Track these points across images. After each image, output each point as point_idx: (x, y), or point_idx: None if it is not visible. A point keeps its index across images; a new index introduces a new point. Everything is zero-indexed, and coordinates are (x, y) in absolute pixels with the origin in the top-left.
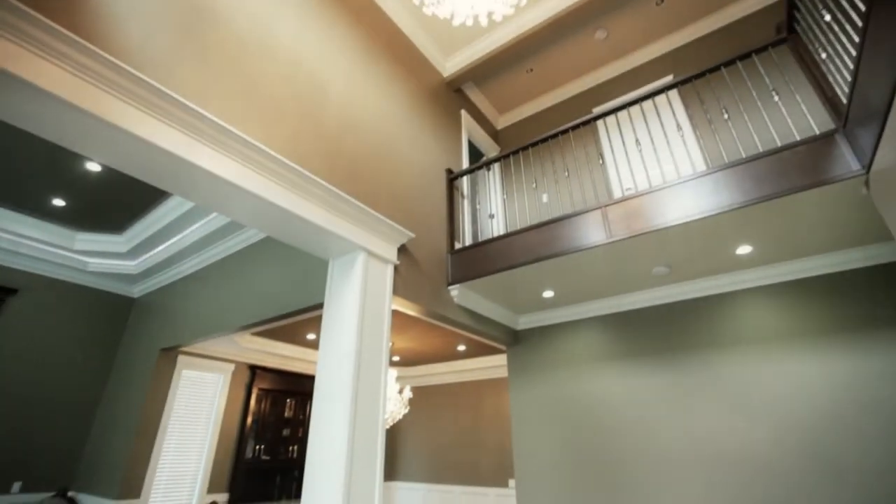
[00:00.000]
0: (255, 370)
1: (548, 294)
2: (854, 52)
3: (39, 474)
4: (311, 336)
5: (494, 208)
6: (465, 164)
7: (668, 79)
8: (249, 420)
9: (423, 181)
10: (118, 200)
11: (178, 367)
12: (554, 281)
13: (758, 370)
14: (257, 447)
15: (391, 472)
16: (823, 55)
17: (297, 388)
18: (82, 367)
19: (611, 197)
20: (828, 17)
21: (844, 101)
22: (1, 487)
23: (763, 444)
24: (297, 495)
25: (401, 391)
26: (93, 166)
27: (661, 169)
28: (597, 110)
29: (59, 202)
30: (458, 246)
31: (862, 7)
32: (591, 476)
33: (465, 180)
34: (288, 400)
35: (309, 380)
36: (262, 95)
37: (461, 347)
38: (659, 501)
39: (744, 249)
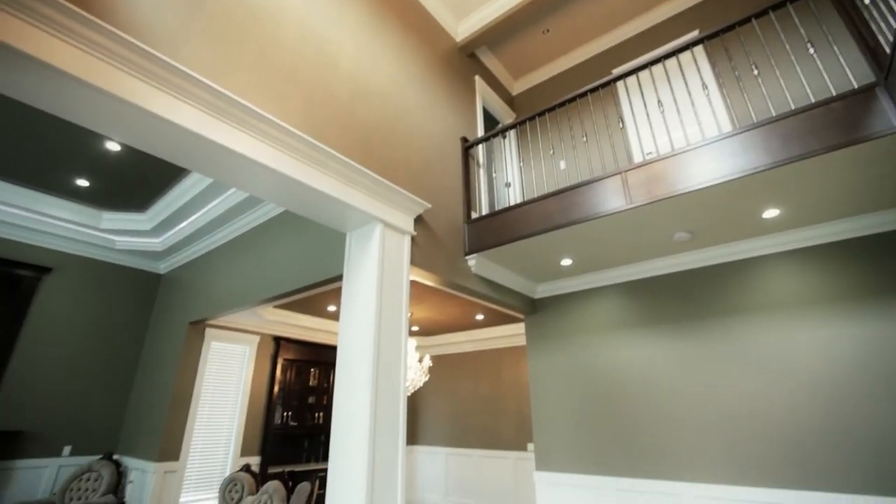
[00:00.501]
0: (279, 341)
1: (566, 262)
2: None
3: (86, 439)
4: (331, 308)
5: (511, 177)
6: (481, 132)
7: (694, 34)
8: (276, 389)
9: (438, 150)
10: (139, 179)
11: (206, 339)
12: (572, 249)
13: (779, 336)
14: (285, 414)
15: (413, 437)
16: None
17: (321, 358)
18: (117, 341)
19: (631, 162)
20: None
21: (888, 50)
22: (53, 451)
23: (783, 408)
24: (325, 458)
25: (420, 360)
26: (112, 146)
27: (685, 131)
28: (616, 71)
29: (82, 182)
30: (474, 215)
31: None
32: (610, 439)
33: (480, 148)
34: (312, 369)
35: (331, 350)
36: (271, 66)
37: (480, 316)
38: (678, 463)
39: (771, 213)
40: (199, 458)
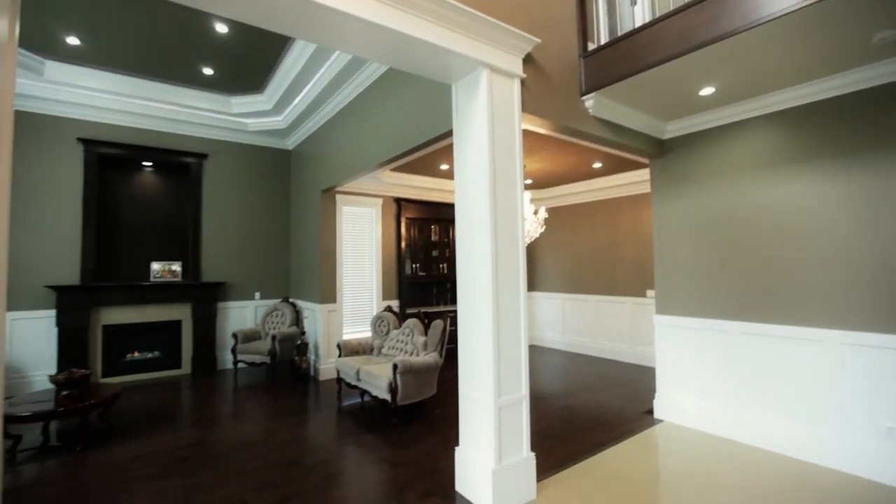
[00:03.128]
0: (399, 202)
1: (706, 91)
2: None
3: (269, 287)
4: (444, 166)
5: None
6: None
7: None
8: (403, 245)
9: None
10: (249, 59)
11: (337, 203)
12: (716, 73)
13: None
14: (413, 266)
15: (531, 284)
16: None
17: (439, 216)
18: (268, 209)
19: None
20: None
21: None
22: (249, 295)
23: None
24: (451, 301)
25: (535, 212)
26: (220, 27)
27: None
28: None
29: (208, 71)
30: (591, 47)
31: None
32: (741, 284)
33: None
34: (432, 226)
35: (447, 207)
36: None
37: (597, 165)
38: (822, 308)
39: None
40: (351, 300)
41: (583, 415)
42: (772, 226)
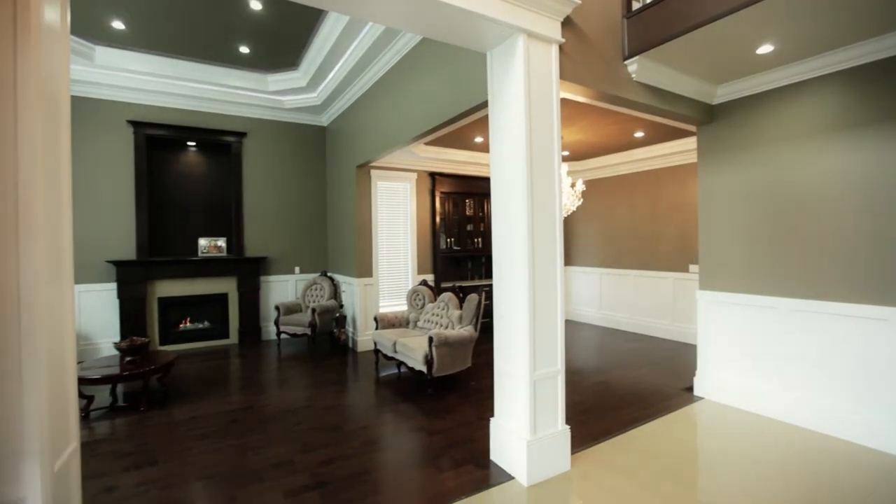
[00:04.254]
0: (434, 176)
1: (765, 49)
2: None
3: (308, 261)
4: (478, 139)
5: None
6: None
7: None
8: (438, 219)
9: None
10: (284, 35)
11: (372, 179)
12: (779, 27)
13: None
14: (448, 240)
15: (567, 259)
16: None
17: (474, 190)
18: (305, 186)
19: None
20: None
21: None
22: (289, 270)
23: None
24: (486, 275)
25: (573, 185)
26: (255, 4)
27: None
28: None
29: (244, 49)
30: (636, 5)
31: None
32: (793, 258)
33: None
34: (467, 200)
35: (482, 181)
36: None
37: (639, 134)
38: (880, 288)
39: None
40: (387, 274)
41: (619, 390)
42: (829, 196)
